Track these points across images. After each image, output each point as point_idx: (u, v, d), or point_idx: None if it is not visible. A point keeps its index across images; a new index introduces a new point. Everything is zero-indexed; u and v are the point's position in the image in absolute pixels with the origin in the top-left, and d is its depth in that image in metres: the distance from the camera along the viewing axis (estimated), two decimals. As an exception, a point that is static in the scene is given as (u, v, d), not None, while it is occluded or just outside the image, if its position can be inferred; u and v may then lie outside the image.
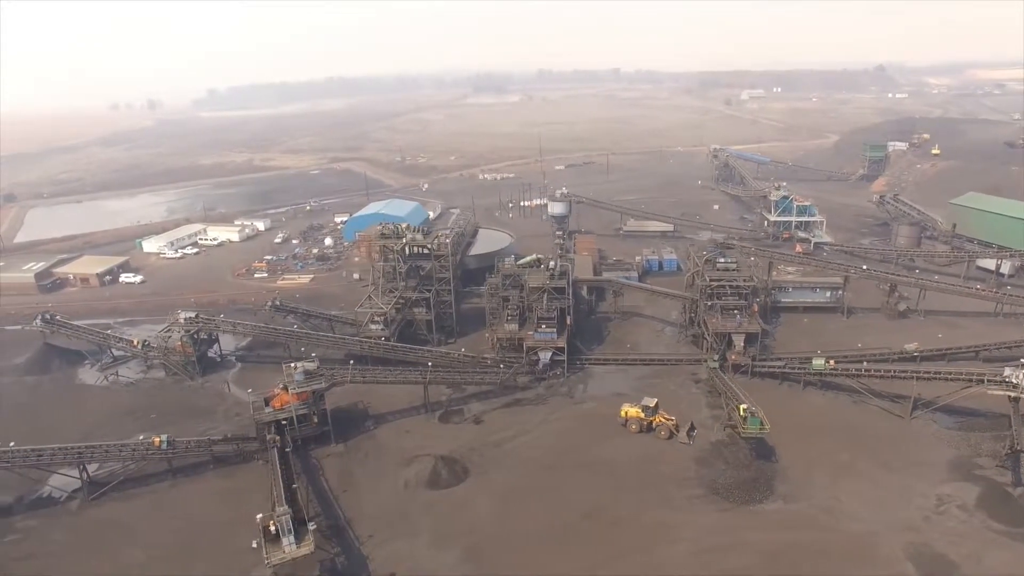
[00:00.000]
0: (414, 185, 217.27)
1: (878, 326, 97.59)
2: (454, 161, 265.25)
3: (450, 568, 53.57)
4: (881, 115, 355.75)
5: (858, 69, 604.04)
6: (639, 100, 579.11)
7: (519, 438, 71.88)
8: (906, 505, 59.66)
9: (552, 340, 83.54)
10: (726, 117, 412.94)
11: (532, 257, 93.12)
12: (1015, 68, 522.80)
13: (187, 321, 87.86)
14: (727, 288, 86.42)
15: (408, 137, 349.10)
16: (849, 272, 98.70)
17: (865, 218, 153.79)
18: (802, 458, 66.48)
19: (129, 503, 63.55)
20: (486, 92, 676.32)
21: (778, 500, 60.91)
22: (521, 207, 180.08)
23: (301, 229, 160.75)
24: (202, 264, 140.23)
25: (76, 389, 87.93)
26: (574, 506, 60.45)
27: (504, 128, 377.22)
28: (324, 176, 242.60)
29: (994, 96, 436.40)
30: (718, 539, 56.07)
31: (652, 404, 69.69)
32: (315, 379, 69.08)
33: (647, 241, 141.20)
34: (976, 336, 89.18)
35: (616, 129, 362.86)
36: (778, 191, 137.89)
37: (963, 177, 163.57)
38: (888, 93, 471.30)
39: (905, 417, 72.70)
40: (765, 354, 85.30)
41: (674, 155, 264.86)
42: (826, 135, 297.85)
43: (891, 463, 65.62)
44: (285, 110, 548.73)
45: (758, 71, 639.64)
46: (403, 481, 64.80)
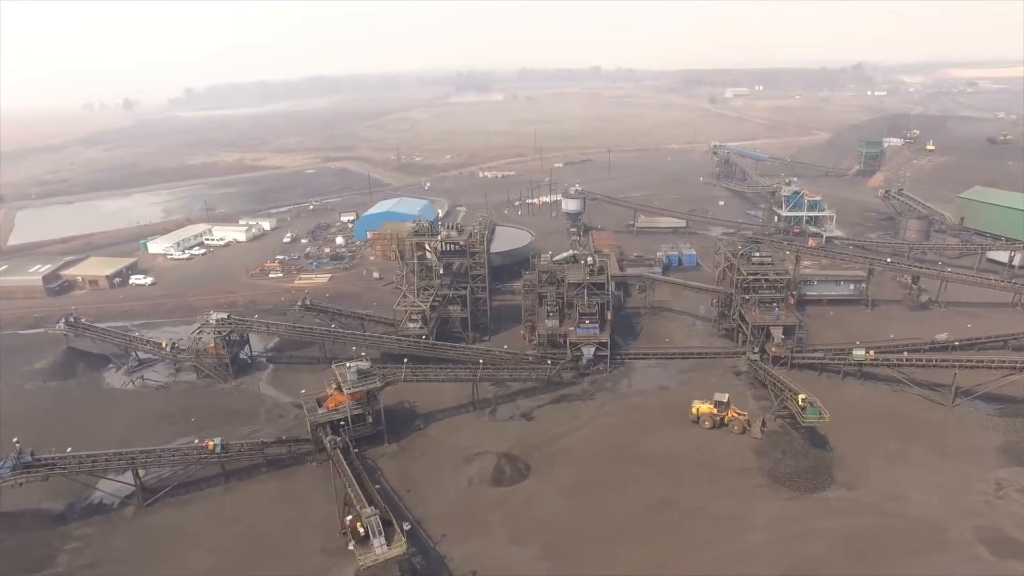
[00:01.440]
0: (416, 184, 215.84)
1: (901, 317, 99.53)
2: (450, 160, 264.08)
3: (531, 565, 53.37)
4: (864, 112, 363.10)
5: (836, 67, 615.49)
6: (623, 98, 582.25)
7: (573, 433, 71.88)
8: (966, 490, 60.92)
9: (595, 335, 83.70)
10: (713, 115, 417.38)
11: (568, 253, 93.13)
12: (986, 67, 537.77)
13: (219, 322, 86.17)
14: (762, 282, 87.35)
15: (398, 136, 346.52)
16: (874, 265, 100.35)
17: (869, 213, 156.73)
18: (855, 446, 67.49)
19: (185, 508, 62.20)
20: (469, 91, 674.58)
21: (840, 488, 61.78)
22: (528, 204, 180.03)
23: (309, 228, 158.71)
24: (211, 265, 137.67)
25: (105, 393, 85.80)
26: (642, 499, 60.67)
27: (494, 127, 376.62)
28: (320, 175, 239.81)
29: (968, 94, 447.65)
30: (790, 527, 56.72)
31: (724, 399, 70.12)
32: (369, 378, 68.21)
33: (660, 237, 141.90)
34: (999, 326, 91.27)
35: (605, 127, 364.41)
36: (789, 186, 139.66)
37: (959, 172, 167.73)
38: (867, 91, 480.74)
39: (947, 405, 74.28)
40: (799, 346, 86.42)
41: (670, 152, 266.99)
42: (815, 132, 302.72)
43: (942, 450, 66.96)
44: (267, 109, 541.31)
45: (739, 69, 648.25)
46: (466, 479, 64.41)
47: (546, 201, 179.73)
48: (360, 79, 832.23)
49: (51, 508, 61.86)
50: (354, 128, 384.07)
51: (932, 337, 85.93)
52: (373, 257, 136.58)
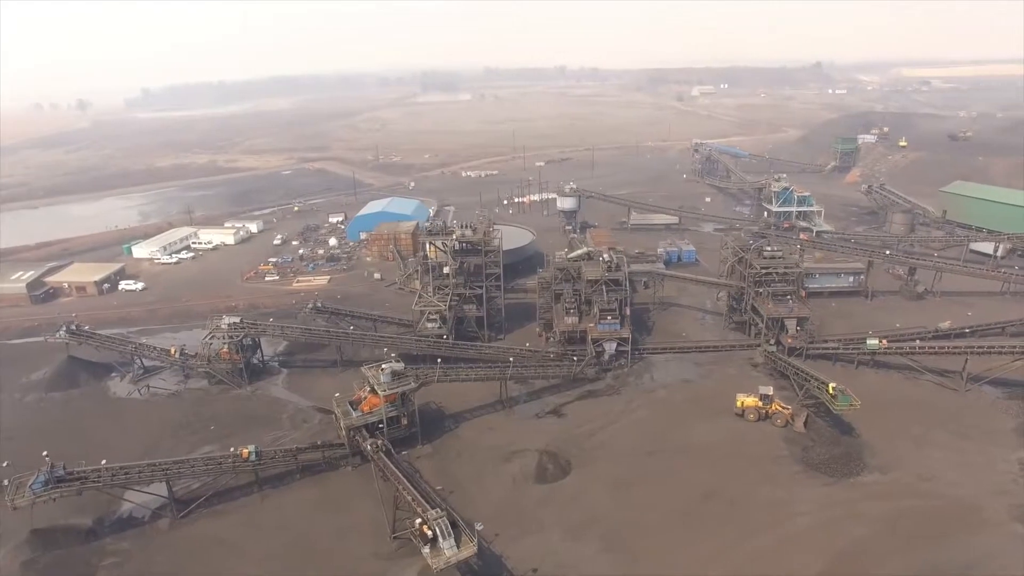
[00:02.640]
0: (399, 184, 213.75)
1: (899, 307, 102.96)
2: (429, 159, 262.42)
3: (591, 559, 53.57)
4: (828, 110, 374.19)
5: (796, 67, 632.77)
6: (591, 97, 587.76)
7: (607, 429, 72.34)
8: (992, 471, 63.46)
9: (616, 331, 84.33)
10: (682, 113, 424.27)
11: (583, 250, 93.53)
12: (936, 67, 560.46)
13: (231, 327, 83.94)
14: (774, 275, 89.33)
15: (370, 136, 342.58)
16: (873, 257, 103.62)
17: (851, 207, 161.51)
18: (880, 432, 69.58)
19: (223, 519, 60.44)
20: (435, 90, 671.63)
21: (874, 472, 63.68)
22: (516, 203, 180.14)
23: (298, 230, 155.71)
24: (201, 268, 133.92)
25: (114, 403, 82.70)
26: (688, 489, 61.50)
27: (467, 126, 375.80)
28: (298, 176, 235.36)
29: (923, 92, 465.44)
30: (834, 511, 58.25)
31: (769, 393, 71.34)
32: (404, 380, 67.36)
33: (653, 234, 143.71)
34: (993, 313, 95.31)
35: (578, 126, 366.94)
36: (779, 182, 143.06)
37: (933, 167, 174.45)
38: (828, 89, 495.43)
39: (959, 390, 77.24)
40: (810, 337, 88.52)
41: (647, 151, 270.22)
42: (784, 129, 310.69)
43: (963, 433, 69.60)
44: (229, 110, 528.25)
45: (703, 68, 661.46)
46: (509, 477, 64.20)
47: (535, 199, 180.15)
48: (320, 79, 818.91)
49: (80, 523, 59.38)
50: (324, 128, 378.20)
51: (935, 326, 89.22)
52: (370, 258, 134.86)
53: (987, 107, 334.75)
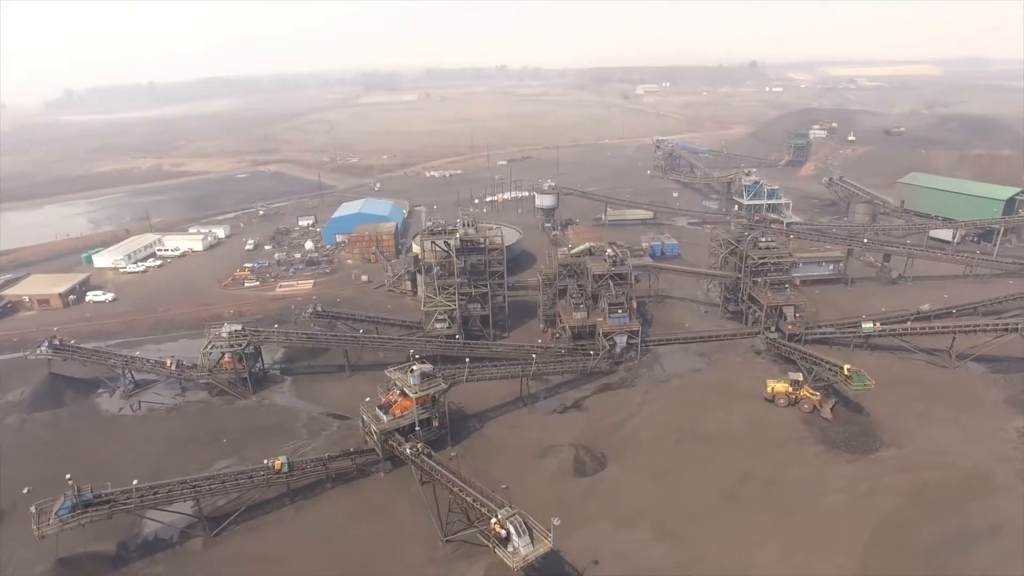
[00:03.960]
0: (363, 185, 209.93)
1: (876, 292, 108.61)
2: (388, 160, 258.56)
3: (647, 547, 54.31)
4: (768, 107, 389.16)
5: (733, 65, 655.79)
6: (537, 96, 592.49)
7: (631, 420, 73.38)
8: (993, 440, 67.93)
9: (626, 324, 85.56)
10: (629, 111, 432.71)
11: (585, 246, 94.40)
12: (861, 66, 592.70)
13: (233, 335, 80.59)
14: (770, 265, 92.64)
15: (320, 138, 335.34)
16: (852, 246, 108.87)
17: (811, 199, 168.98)
18: (887, 410, 73.26)
19: (259, 534, 58.08)
20: (379, 91, 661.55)
21: (890, 447, 67.07)
22: (488, 202, 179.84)
23: (269, 234, 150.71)
24: (172, 276, 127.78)
25: (108, 421, 78.00)
26: (724, 474, 63.12)
27: (419, 126, 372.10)
28: (255, 179, 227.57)
29: (851, 90, 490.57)
30: (864, 486, 61.05)
31: (799, 379, 73.66)
32: (434, 381, 66.38)
33: (630, 229, 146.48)
34: (964, 294, 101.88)
35: (530, 124, 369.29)
36: (749, 176, 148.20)
37: (882, 160, 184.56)
38: (765, 87, 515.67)
39: (948, 367, 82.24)
40: (806, 322, 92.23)
41: (606, 148, 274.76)
42: (732, 126, 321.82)
43: (960, 406, 74.12)
44: (164, 112, 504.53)
45: (644, 67, 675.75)
46: (548, 473, 64.31)
47: (507, 198, 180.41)
48: (257, 81, 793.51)
49: (105, 550, 55.90)
50: (271, 131, 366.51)
51: (917, 308, 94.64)
52: (351, 260, 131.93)
53: (912, 104, 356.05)
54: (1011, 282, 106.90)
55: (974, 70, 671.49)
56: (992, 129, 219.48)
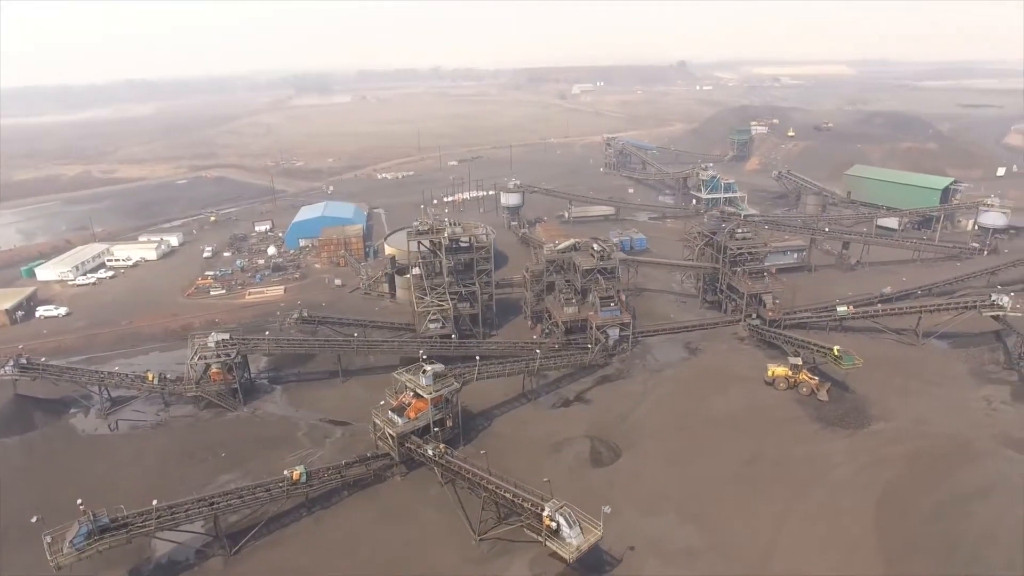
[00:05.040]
0: (314, 189, 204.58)
1: (837, 278, 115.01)
2: (334, 163, 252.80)
3: (676, 531, 55.72)
4: (701, 105, 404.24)
5: (663, 65, 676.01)
6: (474, 97, 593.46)
7: (636, 410, 74.97)
8: (967, 409, 73.40)
9: (618, 317, 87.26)
10: (568, 110, 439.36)
11: (570, 242, 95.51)
12: (782, 66, 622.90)
13: (220, 345, 77.27)
14: (747, 255, 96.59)
15: (258, 141, 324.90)
16: (815, 235, 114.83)
17: (761, 192, 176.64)
18: (869, 386, 77.75)
19: (282, 548, 56.01)
20: (311, 93, 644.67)
21: (880, 421, 71.33)
22: (447, 202, 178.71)
23: (226, 241, 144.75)
24: (129, 288, 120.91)
25: (88, 442, 73.17)
26: (732, 457, 65.45)
27: (359, 128, 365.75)
28: (197, 186, 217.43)
29: (776, 88, 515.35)
30: (864, 458, 64.73)
31: (799, 363, 76.76)
32: (447, 381, 65.83)
33: (593, 225, 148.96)
34: (919, 277, 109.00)
35: (471, 125, 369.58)
36: (706, 171, 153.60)
37: (821, 154, 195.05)
38: (696, 86, 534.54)
39: (916, 344, 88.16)
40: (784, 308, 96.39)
41: (554, 147, 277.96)
42: (670, 123, 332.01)
43: (933, 380, 79.67)
44: (82, 116, 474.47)
45: (577, 67, 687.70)
46: (566, 465, 64.92)
47: (466, 198, 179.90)
48: (184, 83, 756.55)
49: (117, 576, 52.59)
50: (206, 135, 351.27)
51: (880, 291, 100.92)
52: (319, 264, 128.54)
53: (835, 101, 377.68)
54: (958, 264, 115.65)
55: (882, 70, 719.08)
56: (912, 124, 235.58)
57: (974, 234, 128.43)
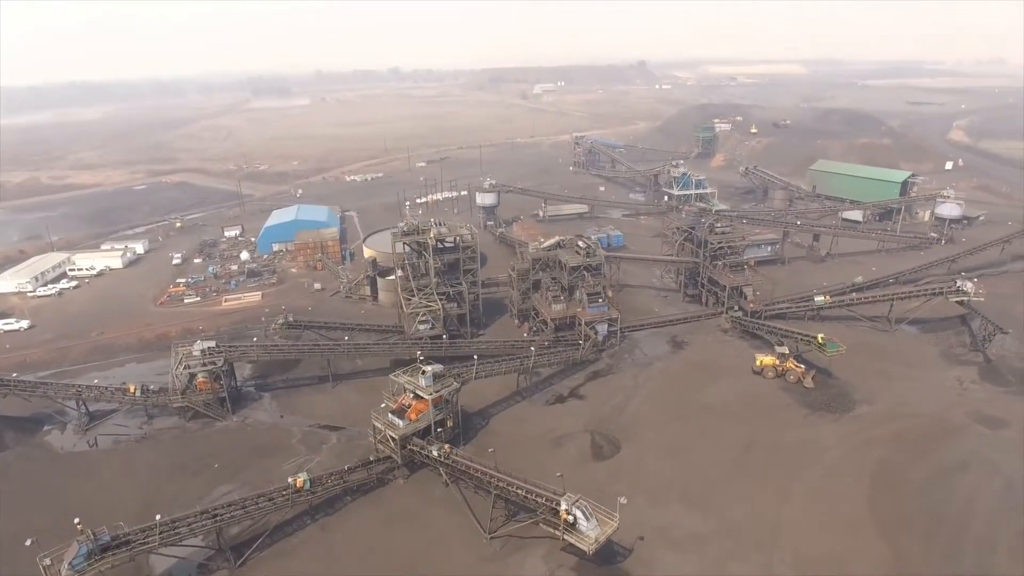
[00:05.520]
0: (282, 193, 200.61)
1: (809, 269, 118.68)
2: (300, 166, 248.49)
3: (684, 517, 56.82)
4: (662, 104, 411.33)
5: (623, 64, 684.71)
6: (436, 98, 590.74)
7: (630, 403, 76.04)
8: (941, 389, 76.89)
9: (606, 312, 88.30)
10: (531, 110, 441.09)
11: (554, 240, 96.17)
12: (736, 65, 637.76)
13: (206, 353, 75.36)
14: (726, 249, 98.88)
15: (219, 145, 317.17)
16: (788, 228, 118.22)
17: (728, 187, 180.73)
18: (850, 372, 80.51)
19: (291, 558, 54.81)
20: (269, 95, 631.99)
21: (864, 405, 74.05)
22: (419, 203, 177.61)
23: (195, 247, 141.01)
24: (94, 297, 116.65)
25: (69, 460, 70.34)
26: (729, 444, 67.07)
27: (322, 130, 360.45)
28: (158, 191, 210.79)
29: (734, 87, 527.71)
30: (854, 440, 67.17)
31: (786, 352, 78.70)
32: (446, 381, 65.64)
33: (568, 223, 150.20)
34: (886, 267, 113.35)
35: (436, 125, 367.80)
36: (677, 168, 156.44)
37: (784, 150, 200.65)
38: (655, 85, 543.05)
39: (889, 330, 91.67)
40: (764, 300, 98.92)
41: (521, 147, 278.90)
42: (634, 122, 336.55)
43: (908, 363, 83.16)
44: (21, 121, 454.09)
45: (538, 67, 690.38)
46: (569, 460, 65.27)
47: (439, 199, 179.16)
48: (133, 86, 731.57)
49: (116, 596, 50.74)
50: (160, 139, 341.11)
51: (851, 281, 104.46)
52: (295, 269, 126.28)
53: (791, 100, 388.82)
54: (922, 253, 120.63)
55: (832, 70, 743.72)
56: (865, 121, 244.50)
57: (932, 224, 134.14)
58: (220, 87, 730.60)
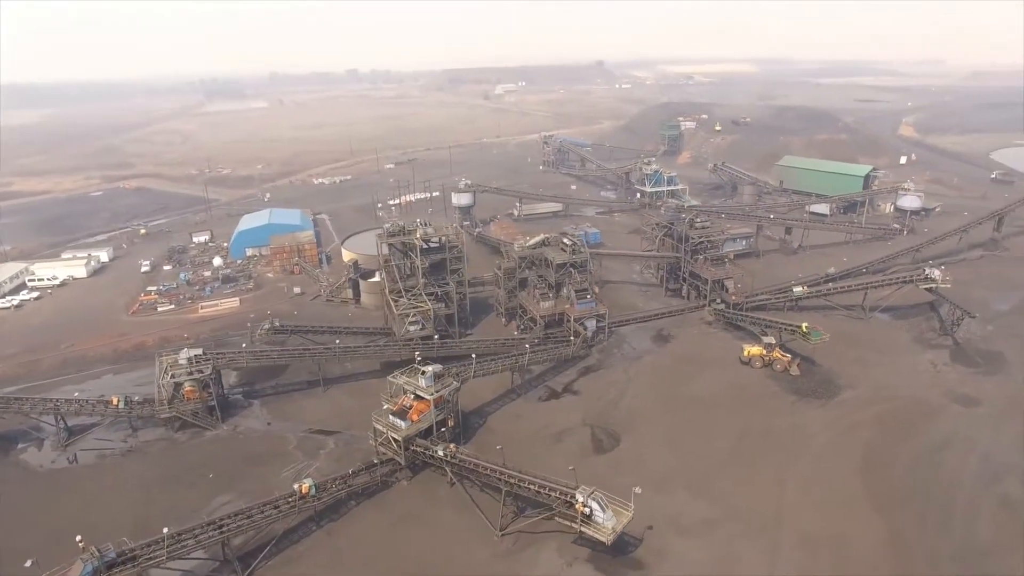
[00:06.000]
0: (249, 197, 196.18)
1: (783, 261, 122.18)
2: (264, 170, 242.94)
3: (689, 505, 58.05)
4: (624, 103, 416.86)
5: (582, 64, 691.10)
6: (396, 99, 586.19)
7: (624, 397, 77.15)
8: (917, 372, 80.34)
9: (594, 308, 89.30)
10: (494, 110, 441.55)
11: (540, 238, 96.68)
12: (694, 64, 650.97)
13: (193, 361, 73.39)
14: (706, 243, 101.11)
15: (177, 149, 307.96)
16: (762, 222, 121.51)
17: (696, 184, 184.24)
18: (831, 359, 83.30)
19: (299, 565, 53.90)
20: (223, 98, 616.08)
21: (847, 390, 76.81)
22: (391, 205, 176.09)
23: (163, 254, 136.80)
24: (59, 309, 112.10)
25: (51, 477, 67.52)
26: (724, 432, 68.79)
27: (283, 133, 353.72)
28: (116, 197, 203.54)
29: (691, 86, 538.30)
30: (842, 422, 69.90)
31: (773, 342, 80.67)
32: (446, 380, 65.45)
33: (543, 222, 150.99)
34: (855, 257, 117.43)
35: (399, 127, 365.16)
36: (649, 166, 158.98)
37: (748, 147, 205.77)
38: (615, 84, 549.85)
39: (864, 318, 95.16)
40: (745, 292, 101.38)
41: (488, 147, 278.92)
42: (598, 121, 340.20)
43: (883, 349, 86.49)
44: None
45: (497, 67, 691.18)
46: (571, 454, 65.62)
47: (412, 200, 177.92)
48: (68, 89, 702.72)
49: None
50: (110, 143, 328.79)
51: (824, 272, 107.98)
52: (272, 274, 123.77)
53: (747, 98, 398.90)
54: (889, 243, 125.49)
55: (783, 68, 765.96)
56: (822, 118, 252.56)
57: (894, 216, 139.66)
58: (169, 90, 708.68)
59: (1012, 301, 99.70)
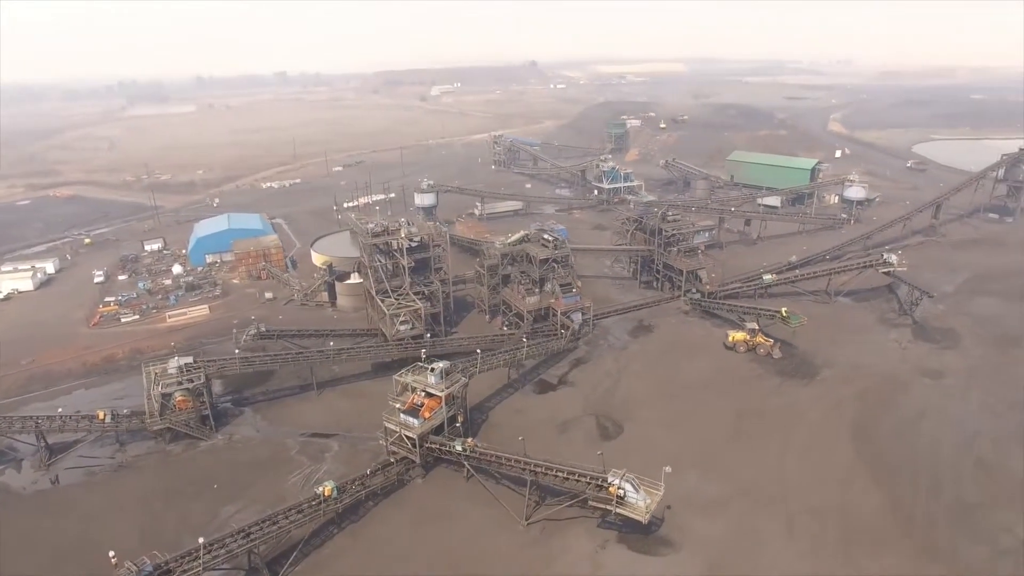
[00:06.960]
0: (196, 202, 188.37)
1: (744, 252, 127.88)
2: (206, 175, 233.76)
3: (702, 484, 60.41)
4: (561, 102, 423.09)
5: (516, 65, 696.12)
6: (331, 102, 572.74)
7: (620, 386, 79.27)
8: (885, 350, 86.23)
9: (579, 302, 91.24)
10: (433, 112, 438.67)
11: (520, 234, 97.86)
12: (624, 64, 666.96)
13: (183, 370, 70.73)
14: (679, 236, 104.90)
15: (104, 156, 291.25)
16: (723, 215, 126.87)
17: (649, 180, 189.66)
18: (807, 341, 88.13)
19: (327, 569, 53.01)
20: (146, 102, 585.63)
21: (826, 369, 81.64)
22: (348, 208, 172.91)
23: (115, 263, 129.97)
24: (8, 324, 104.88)
25: (39, 499, 63.52)
26: (721, 414, 71.98)
27: (218, 138, 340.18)
28: (48, 206, 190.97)
29: (624, 85, 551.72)
30: (827, 399, 74.34)
31: (756, 328, 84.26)
32: (455, 377, 65.72)
33: (506, 220, 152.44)
34: (814, 246, 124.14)
35: (339, 130, 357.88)
36: (606, 163, 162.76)
37: (694, 143, 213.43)
38: (550, 84, 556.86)
39: (829, 302, 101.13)
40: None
41: (433, 148, 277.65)
42: (540, 120, 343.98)
43: (852, 330, 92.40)
44: None
45: (432, 69, 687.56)
46: (577, 443, 67.26)
47: (369, 201, 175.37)
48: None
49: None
50: (28, 151, 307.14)
51: (787, 260, 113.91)
52: (237, 280, 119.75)
53: (681, 96, 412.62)
54: (843, 231, 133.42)
55: (711, 67, 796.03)
56: (758, 115, 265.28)
57: (841, 206, 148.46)
58: (87, 94, 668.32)
59: (955, 282, 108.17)
